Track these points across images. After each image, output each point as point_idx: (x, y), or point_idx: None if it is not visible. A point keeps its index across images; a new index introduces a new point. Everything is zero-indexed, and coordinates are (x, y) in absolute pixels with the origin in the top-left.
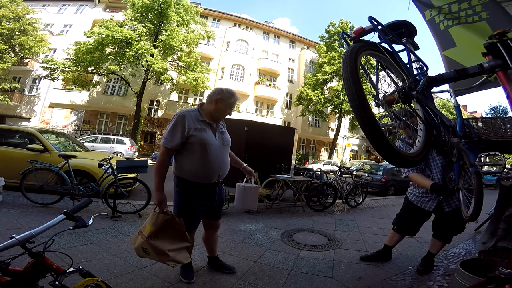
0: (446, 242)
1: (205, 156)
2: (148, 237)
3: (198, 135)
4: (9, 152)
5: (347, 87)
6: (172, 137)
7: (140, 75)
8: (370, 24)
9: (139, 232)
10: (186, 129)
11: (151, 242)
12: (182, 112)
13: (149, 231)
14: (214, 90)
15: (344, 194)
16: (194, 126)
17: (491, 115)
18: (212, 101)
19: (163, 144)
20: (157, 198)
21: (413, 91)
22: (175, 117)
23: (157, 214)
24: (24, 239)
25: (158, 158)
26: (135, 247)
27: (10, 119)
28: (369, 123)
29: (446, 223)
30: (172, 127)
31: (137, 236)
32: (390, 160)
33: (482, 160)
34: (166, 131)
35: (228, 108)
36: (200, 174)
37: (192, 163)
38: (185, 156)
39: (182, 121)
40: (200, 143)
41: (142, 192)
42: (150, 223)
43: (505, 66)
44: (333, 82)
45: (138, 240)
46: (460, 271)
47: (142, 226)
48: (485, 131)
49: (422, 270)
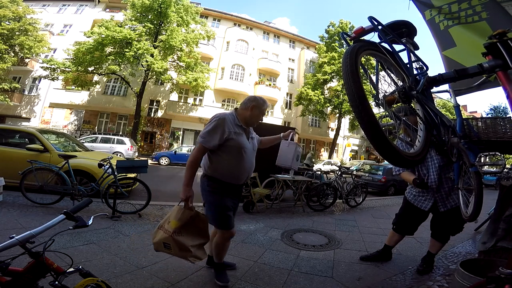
0: (443, 242)
1: (240, 158)
2: (173, 233)
3: (237, 139)
4: (9, 152)
5: (347, 86)
6: (211, 138)
7: (140, 75)
8: (370, 24)
9: (160, 227)
10: (226, 133)
11: (175, 238)
12: (222, 115)
13: (174, 226)
14: (248, 98)
15: (344, 194)
16: (233, 130)
17: (491, 115)
18: (247, 108)
19: (201, 142)
20: (185, 193)
21: (413, 91)
22: (216, 119)
23: (183, 209)
24: (24, 239)
25: (193, 154)
26: (154, 241)
27: (10, 119)
28: (369, 123)
29: (443, 223)
30: (212, 128)
31: (157, 231)
32: (390, 160)
33: (482, 160)
34: (204, 131)
35: (261, 114)
36: (234, 175)
37: (227, 165)
38: (221, 157)
39: (223, 124)
40: (238, 147)
41: (142, 192)
42: (176, 218)
43: (505, 66)
44: (333, 82)
45: (159, 235)
46: (460, 271)
47: (163, 221)
48: (484, 131)
49: (422, 270)
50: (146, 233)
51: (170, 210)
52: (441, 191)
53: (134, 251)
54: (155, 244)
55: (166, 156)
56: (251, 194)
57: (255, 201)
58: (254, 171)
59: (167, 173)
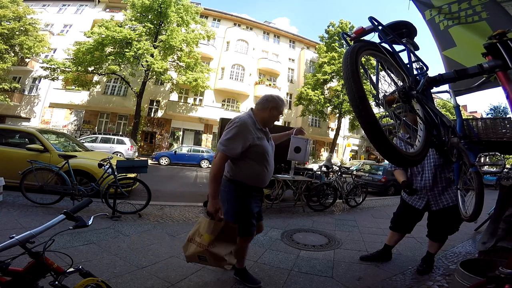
0: (437, 241)
1: (264, 162)
2: (208, 246)
3: (261, 144)
4: (9, 152)
5: (347, 86)
6: (233, 146)
7: (140, 75)
8: (371, 24)
9: (190, 240)
10: (249, 139)
11: (211, 250)
12: (243, 120)
13: (208, 240)
14: (266, 98)
15: (344, 194)
16: (256, 135)
17: (491, 115)
18: (265, 108)
19: (223, 151)
20: (214, 207)
21: (413, 91)
22: (237, 125)
23: (214, 222)
24: (24, 239)
25: (216, 165)
26: (188, 255)
27: (10, 119)
28: (369, 122)
29: (436, 222)
30: (234, 135)
31: (188, 244)
32: (391, 159)
33: (482, 160)
34: (225, 138)
35: (279, 115)
36: (259, 179)
37: (252, 169)
38: (245, 162)
39: (245, 130)
40: (262, 152)
41: (142, 192)
42: (208, 232)
43: (505, 67)
44: (333, 82)
45: (191, 248)
46: (460, 271)
47: (191, 233)
48: (484, 131)
49: (422, 270)
50: (146, 233)
51: (198, 222)
52: (434, 190)
53: (134, 251)
54: (188, 257)
55: (166, 156)
56: None
57: None
58: None
59: (167, 173)
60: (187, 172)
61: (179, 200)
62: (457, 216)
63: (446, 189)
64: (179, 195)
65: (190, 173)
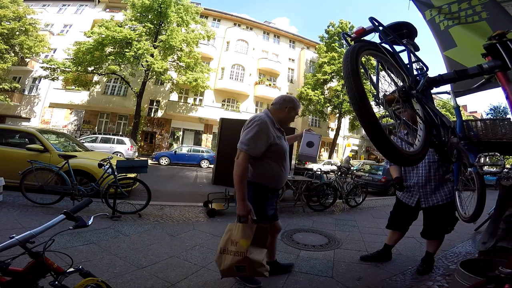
0: (431, 239)
1: (283, 162)
2: (247, 252)
3: (280, 143)
4: (9, 152)
5: (348, 85)
6: (255, 145)
7: (140, 75)
8: (371, 24)
9: (222, 251)
10: (270, 138)
11: (250, 257)
12: (262, 119)
13: (246, 246)
14: (283, 98)
15: (344, 194)
16: (275, 134)
17: (491, 115)
18: (283, 109)
19: (245, 150)
20: (245, 208)
21: (413, 90)
22: (257, 123)
23: (247, 225)
24: (24, 239)
25: (239, 165)
26: (224, 268)
27: (10, 119)
28: (370, 121)
29: (427, 220)
30: (255, 134)
31: (221, 256)
32: (391, 158)
33: (481, 161)
34: (246, 137)
35: (296, 115)
36: (278, 180)
37: (271, 169)
38: (265, 162)
39: (266, 128)
40: (281, 151)
41: (142, 192)
42: (244, 237)
43: (505, 67)
44: (333, 82)
45: (227, 260)
46: (460, 271)
47: (222, 244)
48: (484, 132)
49: (422, 270)
50: (146, 233)
51: (227, 231)
52: (426, 188)
53: (134, 251)
54: (224, 271)
55: (166, 156)
56: None
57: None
58: None
59: (167, 173)
60: (187, 172)
61: (179, 200)
62: (450, 216)
63: (439, 187)
64: (179, 195)
65: (190, 173)
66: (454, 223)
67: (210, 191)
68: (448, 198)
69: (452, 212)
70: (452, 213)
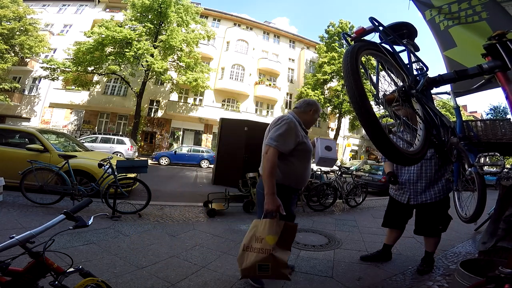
0: (425, 236)
1: (307, 162)
2: (273, 250)
3: (307, 143)
4: (9, 152)
5: (347, 84)
6: (285, 141)
7: (140, 75)
8: (371, 24)
9: (246, 248)
10: (299, 137)
11: (276, 255)
12: (291, 118)
13: (272, 242)
14: (307, 102)
15: (344, 194)
16: (302, 134)
17: (491, 115)
18: (308, 112)
19: (275, 146)
20: (275, 203)
21: (413, 90)
22: (286, 122)
23: (275, 221)
24: (24, 239)
25: (269, 160)
26: (245, 267)
27: (10, 119)
28: (369, 120)
29: (417, 217)
30: (285, 132)
31: (244, 254)
32: (391, 157)
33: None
34: (276, 134)
35: (318, 118)
36: (302, 180)
37: (296, 169)
38: (290, 162)
39: (295, 127)
40: (307, 151)
41: (142, 192)
42: (271, 233)
43: (504, 67)
44: (333, 82)
45: (250, 257)
46: (460, 271)
47: (246, 241)
48: (484, 132)
49: (422, 270)
50: (146, 233)
51: (252, 227)
52: (417, 185)
53: (134, 251)
54: (245, 270)
55: (166, 156)
56: (251, 194)
57: (255, 201)
58: (254, 171)
59: (167, 173)
60: (187, 172)
61: (179, 200)
62: (440, 214)
63: (429, 186)
64: (179, 195)
65: (190, 173)
66: (446, 222)
67: (210, 191)
68: (438, 196)
69: (442, 211)
70: (442, 212)
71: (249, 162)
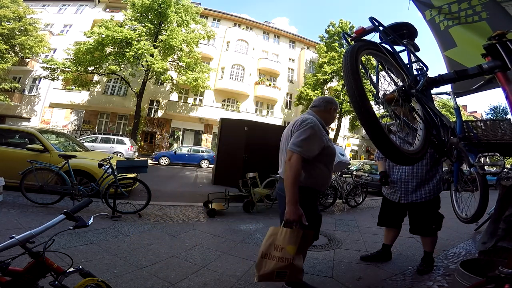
0: (421, 235)
1: (331, 164)
2: (293, 259)
3: (331, 145)
4: (9, 152)
5: (347, 84)
6: (310, 147)
7: (140, 75)
8: (371, 24)
9: (264, 256)
10: (324, 141)
11: (295, 264)
12: (314, 121)
13: (293, 252)
14: (325, 100)
15: (344, 194)
16: (326, 137)
17: (491, 115)
18: (327, 110)
19: (299, 153)
20: (297, 212)
21: (412, 90)
22: (310, 126)
23: (296, 231)
24: (24, 239)
25: (292, 167)
26: (264, 273)
27: (10, 119)
28: (369, 120)
29: (410, 216)
30: (309, 137)
31: (263, 261)
32: (390, 156)
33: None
34: (299, 139)
35: (337, 115)
36: (326, 182)
37: (321, 172)
38: (313, 165)
39: (319, 131)
40: (332, 154)
41: (142, 192)
42: (291, 243)
43: (504, 67)
44: (333, 82)
45: (269, 265)
46: (460, 271)
47: (267, 248)
48: (484, 133)
49: (422, 270)
50: (146, 233)
51: (269, 235)
52: (408, 184)
53: (134, 251)
54: (262, 276)
55: (166, 156)
56: (251, 194)
57: (255, 201)
58: (254, 171)
59: (167, 173)
60: (187, 172)
61: (179, 200)
62: (431, 214)
63: (420, 185)
64: (179, 195)
65: (190, 173)
66: (439, 221)
67: (210, 191)
68: (428, 196)
69: (433, 211)
70: (433, 212)
71: (249, 162)
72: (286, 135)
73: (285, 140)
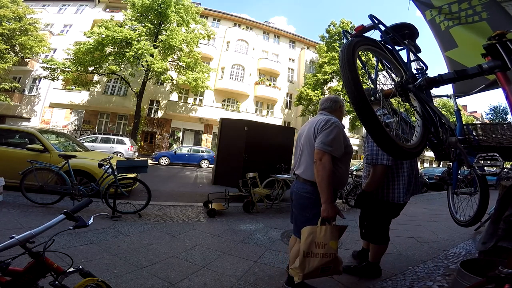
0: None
1: (349, 163)
2: (337, 253)
3: (350, 145)
4: (9, 152)
5: (343, 74)
6: (338, 146)
7: (140, 75)
8: (371, 22)
9: (306, 254)
10: (347, 139)
11: (338, 257)
12: (337, 121)
13: (336, 246)
14: (332, 99)
15: (344, 194)
16: (347, 136)
17: (491, 115)
18: (338, 108)
19: (329, 152)
20: (334, 210)
21: (410, 84)
22: (336, 125)
23: (335, 226)
24: (24, 239)
25: (325, 167)
26: (309, 271)
27: (10, 119)
28: (366, 111)
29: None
30: (336, 136)
31: (306, 260)
32: (388, 150)
33: (481, 161)
34: (328, 138)
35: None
36: (346, 181)
37: (343, 172)
38: (337, 165)
39: (343, 130)
40: (350, 153)
41: (142, 192)
42: (333, 238)
43: (504, 67)
44: (333, 82)
45: (314, 262)
46: (460, 271)
47: (308, 247)
48: (484, 137)
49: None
50: (146, 233)
51: (307, 234)
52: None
53: (134, 251)
54: (308, 275)
55: (166, 156)
56: (251, 194)
57: (255, 201)
58: (254, 171)
59: (167, 173)
60: (187, 172)
61: (179, 200)
62: (375, 212)
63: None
64: (179, 195)
65: (190, 173)
66: (389, 217)
67: (210, 191)
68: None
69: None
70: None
71: (249, 162)
72: (308, 135)
73: (306, 139)
